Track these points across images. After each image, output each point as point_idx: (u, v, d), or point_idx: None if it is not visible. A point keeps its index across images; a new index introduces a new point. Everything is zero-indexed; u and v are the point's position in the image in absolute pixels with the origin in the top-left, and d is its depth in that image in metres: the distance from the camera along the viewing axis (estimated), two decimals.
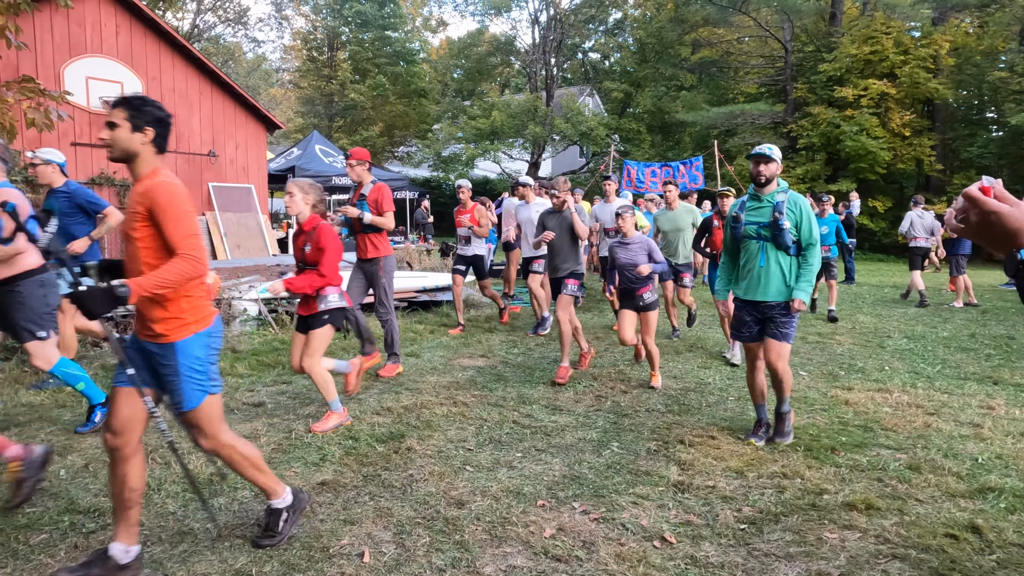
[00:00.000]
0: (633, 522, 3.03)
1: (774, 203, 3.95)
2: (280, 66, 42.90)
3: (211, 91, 12.78)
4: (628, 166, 16.19)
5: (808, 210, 3.94)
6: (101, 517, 3.02)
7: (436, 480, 3.47)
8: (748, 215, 4.06)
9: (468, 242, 7.66)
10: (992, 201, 1.25)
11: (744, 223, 4.06)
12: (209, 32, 34.57)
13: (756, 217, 4.02)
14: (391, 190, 5.61)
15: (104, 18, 11.17)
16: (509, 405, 4.81)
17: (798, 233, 3.93)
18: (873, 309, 9.65)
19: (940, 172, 21.06)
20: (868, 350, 6.82)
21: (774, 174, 3.98)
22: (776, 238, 3.92)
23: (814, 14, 23.04)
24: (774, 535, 2.93)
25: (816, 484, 3.45)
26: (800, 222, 3.92)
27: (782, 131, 22.70)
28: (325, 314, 4.15)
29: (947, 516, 3.11)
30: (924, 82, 19.83)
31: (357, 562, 2.68)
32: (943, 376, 5.78)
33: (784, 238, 3.90)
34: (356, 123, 30.86)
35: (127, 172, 2.48)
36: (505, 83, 35.40)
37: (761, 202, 4.01)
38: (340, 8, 30.85)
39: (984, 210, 1.25)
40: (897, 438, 4.17)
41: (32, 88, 5.23)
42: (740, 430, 4.29)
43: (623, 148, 26.26)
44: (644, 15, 29.76)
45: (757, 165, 3.95)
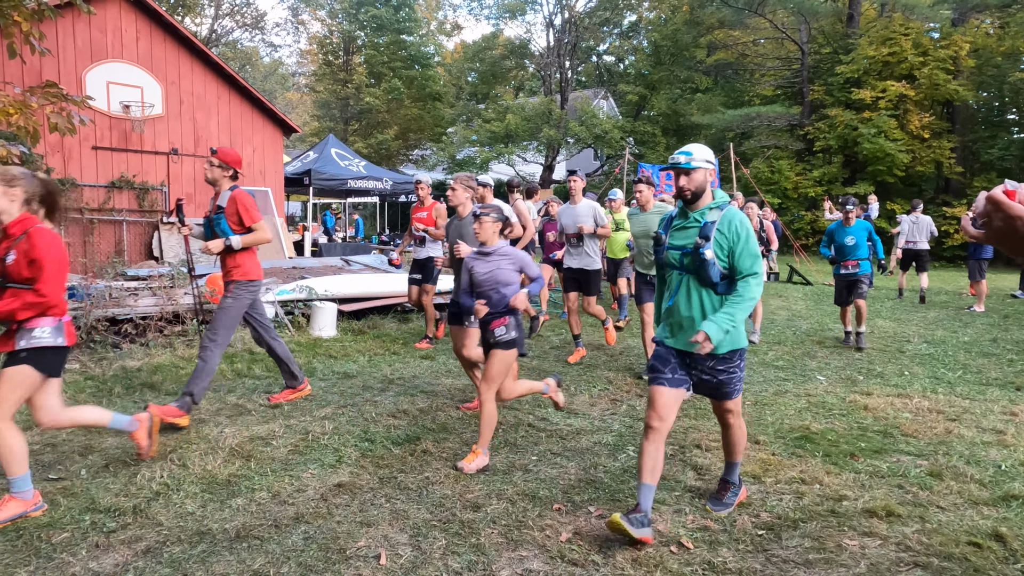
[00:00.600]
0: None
1: (702, 223, 2.99)
2: (296, 70, 43.31)
3: (229, 95, 12.92)
4: (643, 169, 16.14)
5: (747, 234, 2.94)
6: (121, 516, 3.05)
7: (452, 483, 3.47)
8: (672, 237, 3.11)
9: (422, 243, 6.85)
10: (1017, 205, 1.23)
11: (666, 246, 3.11)
12: (227, 37, 34.97)
13: (680, 240, 3.06)
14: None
15: (125, 24, 11.34)
16: (524, 408, 4.80)
17: (731, 264, 2.95)
18: (892, 313, 9.53)
19: (960, 175, 20.80)
20: (887, 355, 6.74)
21: (701, 185, 3.01)
22: (698, 271, 2.96)
23: (831, 15, 22.88)
24: (792, 541, 2.90)
25: (835, 490, 3.41)
26: (736, 248, 2.93)
27: (798, 133, 22.54)
28: (23, 352, 3.02)
29: (970, 524, 3.06)
30: (944, 83, 19.59)
31: (374, 564, 2.69)
32: (964, 381, 5.70)
33: (708, 272, 2.93)
34: (371, 126, 31.04)
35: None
36: (519, 86, 35.45)
37: (688, 220, 3.06)
38: (356, 12, 31.06)
39: (1009, 215, 1.23)
40: (918, 444, 4.12)
41: (55, 93, 5.31)
42: (757, 435, 4.26)
43: (638, 151, 26.19)
44: (659, 17, 29.68)
45: (677, 178, 3.02)
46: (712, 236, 2.94)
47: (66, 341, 3.13)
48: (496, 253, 3.90)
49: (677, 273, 3.07)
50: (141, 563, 2.67)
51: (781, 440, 4.18)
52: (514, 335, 3.76)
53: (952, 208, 19.71)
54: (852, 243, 7.02)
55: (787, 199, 21.69)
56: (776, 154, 22.75)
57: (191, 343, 6.48)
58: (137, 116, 11.38)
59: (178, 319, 6.74)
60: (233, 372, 5.66)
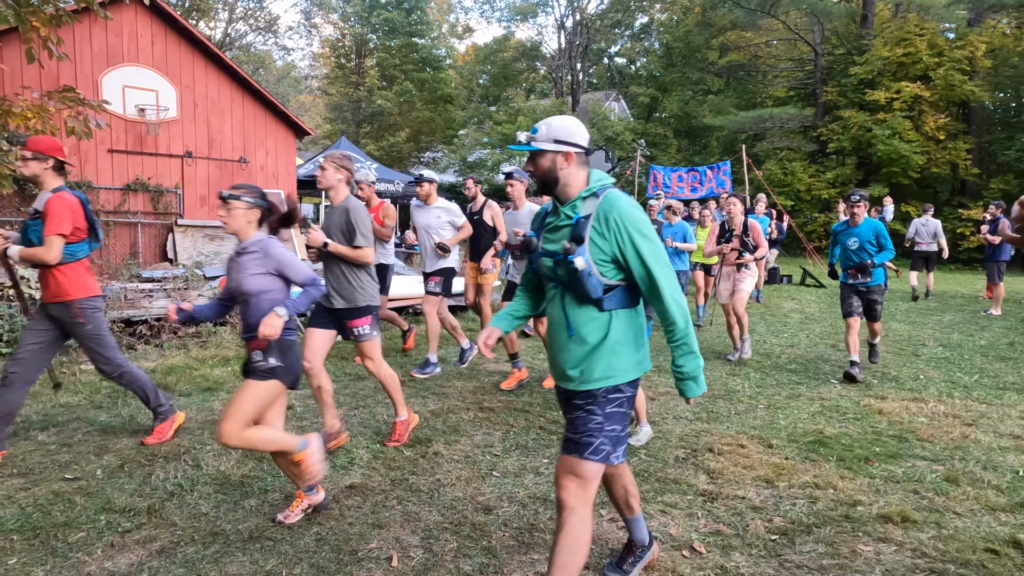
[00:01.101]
0: (662, 531, 3.00)
1: (573, 220, 2.20)
2: (309, 73, 43.56)
3: (242, 98, 13.02)
4: (654, 171, 16.10)
5: (637, 228, 2.11)
6: (136, 516, 3.08)
7: (463, 485, 3.48)
8: (545, 241, 2.31)
9: None
10: None
11: (539, 253, 2.30)
12: (240, 41, 35.25)
13: (553, 244, 2.26)
14: None
15: (140, 28, 11.46)
16: (535, 411, 4.80)
17: (621, 271, 2.17)
18: (907, 316, 9.44)
19: (976, 176, 20.59)
20: (902, 358, 6.68)
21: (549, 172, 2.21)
22: (573, 284, 2.15)
23: (845, 16, 22.73)
24: (806, 547, 2.87)
25: (849, 495, 3.38)
26: (625, 249, 2.12)
27: (812, 135, 22.40)
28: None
29: (987, 530, 3.02)
30: (959, 84, 19.40)
31: (385, 566, 2.70)
32: (981, 386, 5.63)
33: (585, 285, 2.12)
34: (383, 129, 31.17)
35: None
36: (531, 88, 35.47)
37: (559, 218, 2.27)
38: (368, 16, 31.22)
39: None
40: (933, 449, 4.07)
41: (72, 97, 5.38)
42: (770, 439, 4.23)
43: (649, 153, 26.12)
44: (671, 19, 29.62)
45: (530, 163, 2.26)
46: (587, 236, 2.14)
47: None
48: (246, 251, 2.90)
49: (553, 287, 2.27)
50: (155, 563, 2.69)
51: (794, 444, 4.15)
52: (273, 363, 2.85)
53: (968, 210, 19.51)
54: (857, 246, 5.95)
55: (800, 201, 21.55)
56: (789, 156, 22.62)
57: (205, 344, 6.53)
58: (152, 119, 11.50)
59: (192, 320, 6.79)
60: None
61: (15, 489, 3.37)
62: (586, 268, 2.11)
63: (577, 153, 2.22)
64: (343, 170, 3.91)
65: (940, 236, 11.01)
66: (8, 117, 5.21)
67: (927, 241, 11.02)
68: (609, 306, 2.18)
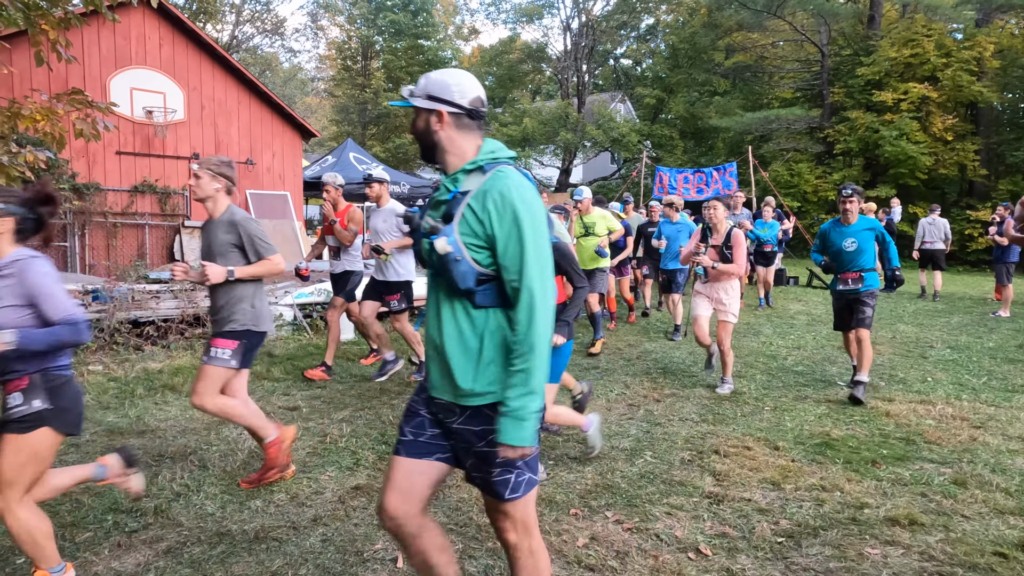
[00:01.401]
0: (667, 533, 3.00)
1: (451, 194, 1.86)
2: (315, 75, 43.69)
3: (249, 100, 13.07)
4: (660, 172, 16.08)
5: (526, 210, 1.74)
6: (143, 517, 3.09)
7: (468, 487, 3.47)
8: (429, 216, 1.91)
9: (337, 255, 5.82)
10: None
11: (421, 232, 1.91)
12: (247, 43, 35.39)
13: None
14: None
15: (148, 31, 11.52)
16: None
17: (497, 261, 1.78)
18: (914, 318, 9.39)
19: (984, 177, 20.47)
20: (910, 360, 6.64)
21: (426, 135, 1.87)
22: (443, 270, 1.80)
23: (851, 17, 22.64)
24: (813, 550, 2.86)
25: (856, 498, 3.36)
26: (498, 238, 1.75)
27: (818, 136, 22.32)
28: None
29: (995, 533, 3.00)
30: (967, 85, 19.30)
31: (391, 567, 2.70)
32: (989, 388, 5.60)
33: (456, 272, 1.76)
34: (389, 130, 31.24)
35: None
36: (536, 90, 35.49)
37: (441, 192, 1.92)
38: (374, 18, 31.31)
39: None
40: (941, 452, 4.05)
41: (81, 100, 5.40)
42: (777, 441, 4.21)
43: (655, 154, 26.09)
44: (677, 20, 29.57)
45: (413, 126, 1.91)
46: (459, 215, 1.78)
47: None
48: (3, 270, 2.30)
49: (431, 274, 1.91)
50: (162, 563, 2.70)
51: (801, 446, 4.13)
52: (38, 406, 2.30)
53: (976, 211, 19.40)
54: (853, 248, 5.23)
55: (807, 202, 21.48)
56: (795, 157, 22.54)
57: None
58: (160, 121, 11.56)
59: (199, 321, 6.82)
60: (252, 374, 5.72)
61: None
62: (452, 252, 1.76)
63: (453, 114, 1.83)
64: (220, 178, 3.39)
65: (947, 236, 11.35)
66: (17, 119, 5.24)
67: (932, 240, 11.36)
68: (483, 301, 1.79)
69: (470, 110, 1.85)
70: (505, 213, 1.73)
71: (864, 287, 5.27)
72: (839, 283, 5.38)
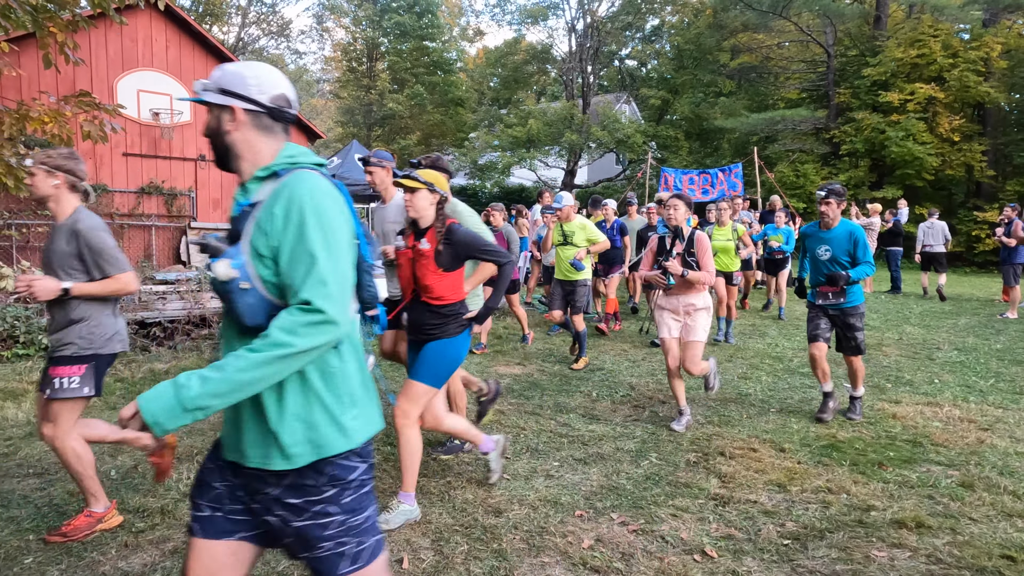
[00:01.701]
0: (673, 535, 2.99)
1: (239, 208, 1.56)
2: (321, 77, 43.81)
3: None
4: (665, 173, 16.06)
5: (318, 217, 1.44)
6: (150, 517, 3.11)
7: (474, 488, 3.48)
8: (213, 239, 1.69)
9: None
10: None
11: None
12: (253, 45, 35.51)
13: None
14: None
15: (155, 33, 11.58)
16: (546, 414, 4.79)
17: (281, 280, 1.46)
18: (921, 320, 9.35)
19: (992, 178, 20.38)
20: (916, 362, 6.61)
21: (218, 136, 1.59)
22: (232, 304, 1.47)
23: (858, 17, 22.56)
24: (819, 552, 2.85)
25: (863, 500, 3.35)
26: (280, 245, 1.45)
27: (824, 137, 22.25)
28: None
29: (1003, 536, 2.99)
30: (974, 86, 19.22)
31: (397, 568, 2.70)
32: (997, 390, 5.57)
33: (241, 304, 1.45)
34: (394, 132, 31.28)
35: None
36: (541, 91, 35.48)
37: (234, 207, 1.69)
38: (379, 19, 31.38)
39: None
40: (948, 454, 4.03)
41: (88, 102, 5.44)
42: (783, 443, 4.20)
43: (660, 155, 26.06)
44: (682, 21, 29.54)
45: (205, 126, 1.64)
46: (247, 232, 1.47)
47: None
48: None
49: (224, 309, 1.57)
50: (168, 563, 2.71)
51: (807, 448, 4.12)
52: None
53: (983, 212, 19.31)
54: (827, 256, 4.66)
55: (813, 203, 21.41)
56: (801, 158, 22.47)
57: (218, 346, 6.58)
58: (166, 123, 11.61)
59: (205, 323, 6.85)
60: None
61: (31, 489, 3.41)
62: (238, 277, 1.42)
63: (250, 112, 1.55)
64: (58, 173, 2.84)
65: (947, 238, 11.70)
66: (25, 121, 5.27)
67: (932, 243, 11.73)
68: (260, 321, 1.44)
69: (271, 109, 1.58)
70: (291, 219, 1.41)
71: (848, 303, 4.62)
72: (818, 296, 4.72)
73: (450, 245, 3.08)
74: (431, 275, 3.08)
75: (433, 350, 3.15)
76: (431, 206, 3.11)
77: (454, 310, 3.18)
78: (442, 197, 3.13)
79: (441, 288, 3.11)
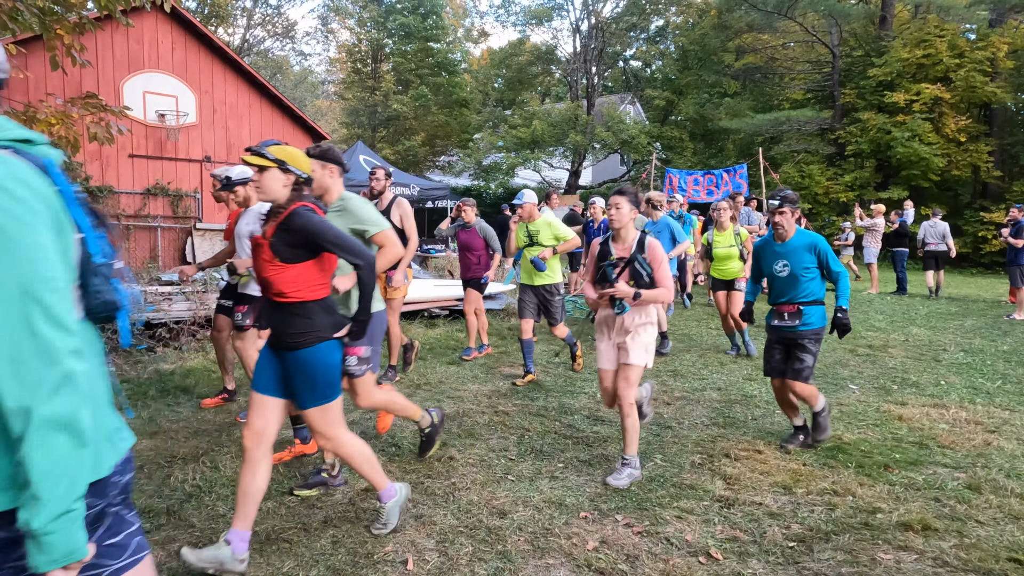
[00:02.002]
0: (678, 537, 2.99)
1: None
2: (325, 78, 43.94)
3: (260, 103, 13.16)
4: (670, 174, 16.05)
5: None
6: (155, 517, 3.12)
7: (478, 489, 3.48)
8: None
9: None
10: None
11: None
12: (258, 46, 35.64)
13: None
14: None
15: (161, 35, 11.63)
16: (551, 415, 4.79)
17: None
18: (927, 321, 9.31)
19: (998, 179, 20.29)
20: (922, 364, 6.59)
21: None
22: None
23: (863, 18, 22.51)
24: (824, 554, 2.84)
25: (868, 502, 3.34)
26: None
27: (829, 138, 22.20)
28: None
29: (1010, 539, 2.97)
30: (981, 86, 19.15)
31: (401, 569, 2.71)
32: (1004, 392, 5.54)
33: None
34: (399, 133, 31.34)
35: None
36: (546, 92, 35.49)
37: None
38: (384, 21, 31.44)
39: None
40: (955, 456, 4.01)
41: (95, 104, 5.47)
42: (789, 444, 4.19)
43: (665, 156, 26.03)
44: (687, 22, 29.52)
45: None
46: None
47: None
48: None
49: None
50: (174, 563, 2.72)
51: (812, 450, 4.10)
52: None
53: (990, 213, 19.23)
54: (784, 273, 4.09)
55: (818, 204, 21.37)
56: (806, 159, 22.43)
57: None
58: (172, 124, 11.66)
59: (210, 323, 6.87)
60: None
61: None
62: None
63: None
64: None
65: (948, 237, 11.89)
66: (33, 123, 5.30)
67: (935, 242, 11.94)
68: None
69: None
70: None
71: (803, 325, 4.03)
72: (774, 316, 4.17)
73: (288, 232, 2.60)
74: (268, 267, 2.62)
75: (299, 366, 2.69)
76: (284, 188, 2.66)
77: (310, 311, 2.69)
78: (299, 178, 2.69)
79: (282, 283, 2.63)
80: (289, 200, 2.67)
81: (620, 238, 3.75)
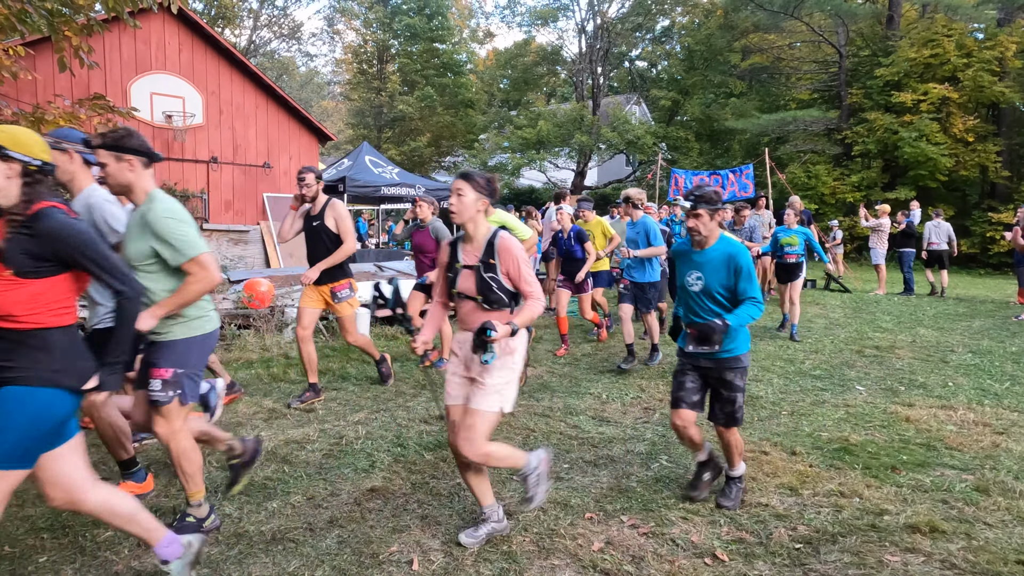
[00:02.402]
0: (683, 538, 2.98)
1: None
2: (331, 79, 44.06)
3: (266, 104, 13.20)
4: (676, 174, 16.01)
5: None
6: (162, 517, 3.12)
7: None
8: None
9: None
10: None
11: None
12: (264, 47, 35.78)
13: None
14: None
15: (168, 36, 11.68)
16: (556, 415, 4.79)
17: None
18: (935, 322, 9.26)
19: (1007, 179, 20.18)
20: (930, 365, 6.55)
21: None
22: None
23: (870, 17, 22.42)
24: (831, 556, 2.83)
25: (876, 504, 3.32)
26: None
27: (836, 138, 22.12)
28: None
29: (1018, 541, 2.95)
30: (989, 86, 19.04)
31: (406, 569, 2.71)
32: (1012, 393, 5.50)
33: None
34: (404, 134, 31.40)
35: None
36: (551, 92, 35.50)
37: None
38: (390, 22, 31.52)
39: None
40: (963, 458, 3.99)
41: (102, 105, 5.51)
42: (794, 446, 4.17)
43: (671, 156, 26.00)
44: (692, 22, 29.47)
45: None
46: None
47: None
48: None
49: None
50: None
51: (819, 451, 4.09)
52: None
53: (998, 213, 19.12)
54: (698, 287, 3.31)
55: (824, 205, 21.29)
56: (813, 159, 22.35)
57: (229, 347, 6.62)
58: (179, 125, 11.71)
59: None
60: (269, 376, 5.77)
61: None
62: None
63: None
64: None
65: (952, 239, 12.24)
66: (41, 124, 5.34)
67: (938, 241, 12.28)
68: None
69: None
70: None
71: (724, 352, 3.25)
72: (687, 341, 3.35)
73: (33, 237, 2.06)
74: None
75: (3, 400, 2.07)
76: (8, 180, 2.08)
77: (51, 343, 2.11)
78: (30, 167, 2.12)
79: (8, 302, 2.04)
80: (26, 197, 2.10)
81: (468, 237, 2.86)
